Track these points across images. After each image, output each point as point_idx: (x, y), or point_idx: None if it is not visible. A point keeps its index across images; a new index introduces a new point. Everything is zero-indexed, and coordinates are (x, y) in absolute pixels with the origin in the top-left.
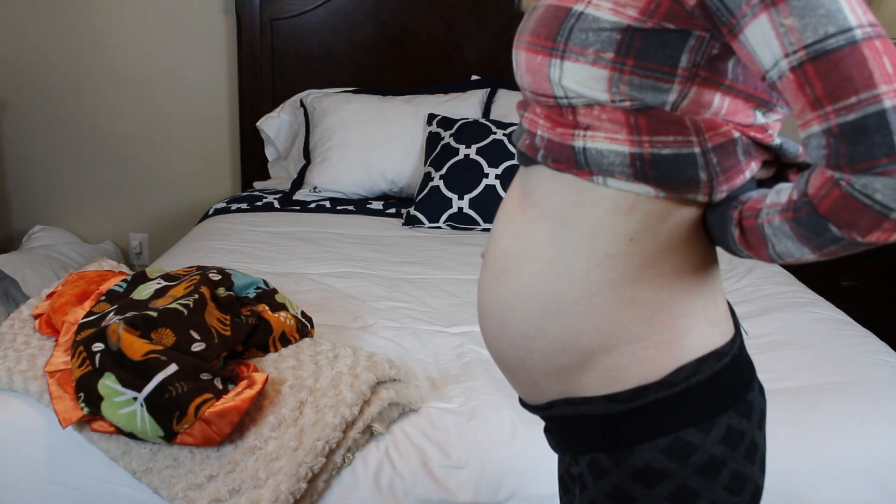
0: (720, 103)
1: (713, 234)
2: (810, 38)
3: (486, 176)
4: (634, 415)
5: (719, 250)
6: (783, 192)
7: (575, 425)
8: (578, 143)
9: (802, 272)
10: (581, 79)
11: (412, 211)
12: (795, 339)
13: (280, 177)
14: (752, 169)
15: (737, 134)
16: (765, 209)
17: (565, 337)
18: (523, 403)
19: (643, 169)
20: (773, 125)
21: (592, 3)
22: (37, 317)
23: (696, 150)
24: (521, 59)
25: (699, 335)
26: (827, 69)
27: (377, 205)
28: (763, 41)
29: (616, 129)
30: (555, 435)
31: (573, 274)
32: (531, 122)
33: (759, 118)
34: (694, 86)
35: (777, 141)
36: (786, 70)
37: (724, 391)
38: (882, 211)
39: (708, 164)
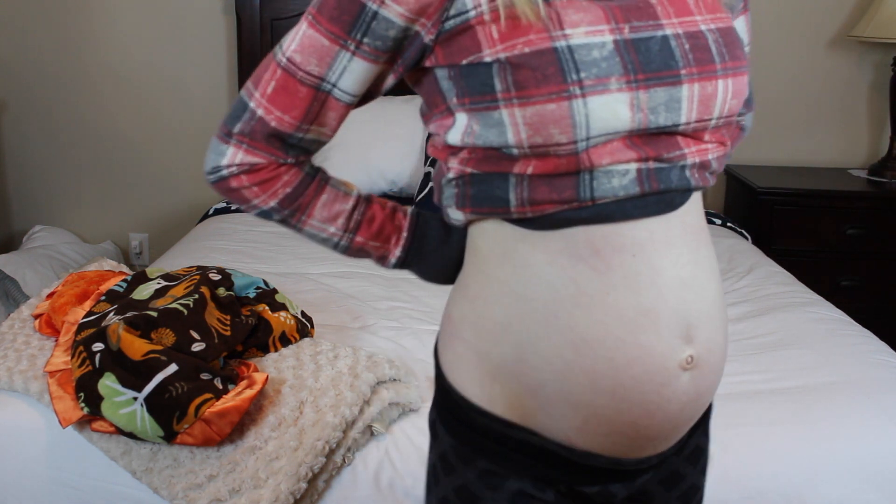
0: None
1: None
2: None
3: None
4: None
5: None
6: None
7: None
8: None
9: (802, 272)
10: None
11: None
12: (795, 339)
13: None
14: None
15: None
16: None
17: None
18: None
19: None
20: None
21: (726, 17)
22: (37, 317)
23: None
24: (728, 87)
25: None
26: None
27: None
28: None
29: None
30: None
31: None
32: (701, 151)
33: None
34: None
35: None
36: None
37: None
38: None
39: None
